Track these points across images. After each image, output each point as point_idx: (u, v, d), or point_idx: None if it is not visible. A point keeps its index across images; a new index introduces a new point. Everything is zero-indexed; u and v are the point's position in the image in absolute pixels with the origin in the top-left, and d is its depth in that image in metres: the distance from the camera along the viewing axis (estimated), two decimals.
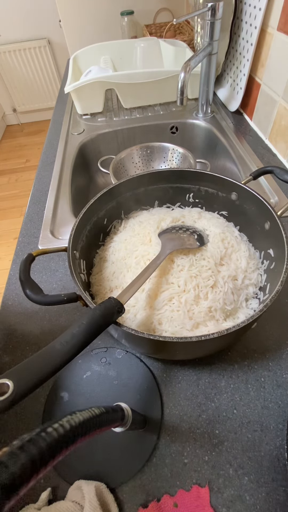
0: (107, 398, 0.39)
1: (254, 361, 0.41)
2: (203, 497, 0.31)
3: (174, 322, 0.37)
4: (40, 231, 0.60)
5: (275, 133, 0.71)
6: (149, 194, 0.51)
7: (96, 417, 0.16)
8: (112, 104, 0.99)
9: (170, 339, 0.29)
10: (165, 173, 0.48)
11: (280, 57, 0.64)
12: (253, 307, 0.40)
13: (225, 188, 0.46)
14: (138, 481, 0.33)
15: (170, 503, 0.31)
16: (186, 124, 0.90)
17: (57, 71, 2.57)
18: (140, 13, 1.34)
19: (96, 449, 0.35)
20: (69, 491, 0.32)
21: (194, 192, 0.51)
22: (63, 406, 0.39)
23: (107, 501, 0.31)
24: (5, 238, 1.81)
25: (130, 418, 0.26)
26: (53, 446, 0.12)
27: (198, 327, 0.37)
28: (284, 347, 0.42)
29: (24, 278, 0.33)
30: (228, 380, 0.39)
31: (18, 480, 0.11)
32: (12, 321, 0.48)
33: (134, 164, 0.78)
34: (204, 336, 0.28)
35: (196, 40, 0.98)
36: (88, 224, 0.44)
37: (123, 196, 0.49)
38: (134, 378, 0.40)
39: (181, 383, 0.40)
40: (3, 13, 2.21)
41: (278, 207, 0.47)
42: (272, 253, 0.40)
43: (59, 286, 0.52)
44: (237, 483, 0.32)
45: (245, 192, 0.43)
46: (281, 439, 0.34)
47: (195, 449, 0.34)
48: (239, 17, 0.74)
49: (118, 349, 0.43)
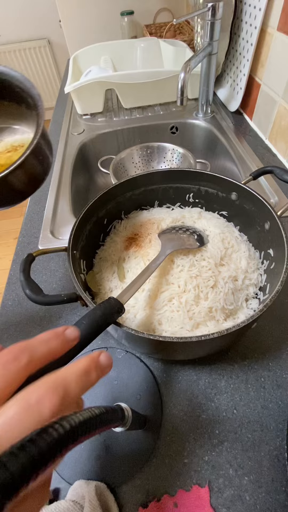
0: (107, 398, 0.39)
1: (254, 361, 0.41)
2: (203, 497, 0.31)
3: (174, 322, 0.37)
4: (40, 231, 0.60)
5: (275, 133, 0.71)
6: (149, 194, 0.51)
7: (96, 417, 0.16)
8: (112, 104, 0.99)
9: (170, 339, 0.29)
10: (165, 173, 0.48)
11: (280, 57, 0.64)
12: (253, 307, 0.40)
13: (225, 188, 0.46)
14: (138, 481, 0.33)
15: (170, 503, 0.31)
16: (186, 124, 0.90)
17: (57, 71, 2.57)
18: (140, 13, 1.34)
19: (96, 449, 0.35)
20: (69, 491, 0.32)
21: (194, 192, 0.51)
22: None
23: (107, 501, 0.31)
24: (5, 238, 1.81)
25: (130, 418, 0.26)
26: (53, 446, 0.12)
27: (198, 327, 0.37)
28: (284, 347, 0.42)
29: (24, 278, 0.33)
30: (228, 380, 0.39)
31: (18, 480, 0.11)
32: (12, 321, 0.48)
33: (134, 164, 0.78)
34: (204, 336, 0.28)
35: (196, 40, 0.98)
36: (88, 224, 0.44)
37: (123, 196, 0.49)
38: (134, 378, 0.40)
39: (181, 383, 0.40)
40: (3, 13, 2.21)
41: (278, 207, 0.47)
42: (272, 253, 0.40)
43: (59, 286, 0.52)
44: (237, 483, 0.32)
45: (245, 192, 0.43)
46: (281, 439, 0.34)
47: (195, 449, 0.34)
48: (239, 17, 0.74)
49: (118, 349, 0.43)
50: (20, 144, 0.38)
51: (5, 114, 0.38)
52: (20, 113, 0.36)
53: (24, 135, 0.39)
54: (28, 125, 0.38)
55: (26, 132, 0.39)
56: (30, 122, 0.37)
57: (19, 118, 0.38)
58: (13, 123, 0.39)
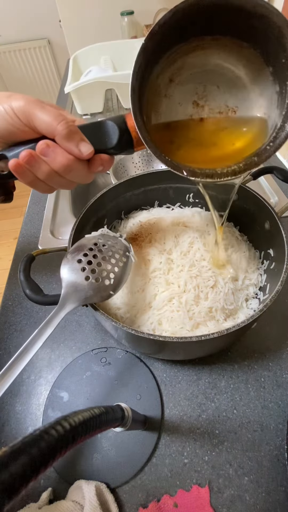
0: (107, 398, 0.39)
1: (254, 361, 0.41)
2: (203, 497, 0.31)
3: (174, 322, 0.37)
4: (40, 231, 0.60)
5: None
6: (149, 194, 0.51)
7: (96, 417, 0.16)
8: (112, 104, 0.99)
9: (170, 339, 0.29)
10: (165, 173, 0.48)
11: None
12: (253, 307, 0.40)
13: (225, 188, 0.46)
14: (138, 481, 0.33)
15: (170, 503, 0.31)
16: None
17: (57, 71, 2.57)
18: (140, 13, 1.33)
19: (96, 449, 0.35)
20: (69, 491, 0.32)
21: (194, 192, 0.51)
22: (63, 406, 0.39)
23: (107, 501, 0.31)
24: (5, 238, 1.81)
25: (130, 418, 0.26)
26: (53, 446, 0.12)
27: (198, 327, 0.37)
28: (284, 347, 0.42)
29: (24, 278, 0.33)
30: (228, 380, 0.39)
31: (18, 480, 0.11)
32: (12, 321, 0.48)
33: (134, 164, 0.78)
34: (204, 336, 0.28)
35: None
36: (88, 224, 0.44)
37: (123, 196, 0.49)
38: (134, 378, 0.40)
39: (181, 383, 0.40)
40: (3, 13, 2.21)
41: (278, 207, 0.47)
42: (272, 253, 0.40)
43: (59, 286, 0.52)
44: (237, 483, 0.32)
45: (245, 192, 0.43)
46: (281, 439, 0.34)
47: (195, 449, 0.34)
48: None
49: (118, 349, 0.43)
50: (235, 106, 0.29)
51: (240, 59, 0.27)
52: (258, 74, 0.27)
53: (253, 108, 0.29)
54: (263, 98, 0.28)
55: (255, 105, 0.29)
56: (267, 96, 0.27)
57: (254, 78, 0.28)
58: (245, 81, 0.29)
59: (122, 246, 0.36)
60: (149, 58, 0.25)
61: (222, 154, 0.30)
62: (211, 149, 0.31)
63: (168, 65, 0.28)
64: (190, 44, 0.27)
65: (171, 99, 0.30)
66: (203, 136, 0.31)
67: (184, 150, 0.31)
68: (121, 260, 0.34)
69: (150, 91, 0.28)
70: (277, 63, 0.25)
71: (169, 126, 0.31)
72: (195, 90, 0.30)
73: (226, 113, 0.30)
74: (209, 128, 0.31)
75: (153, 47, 0.24)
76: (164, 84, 0.29)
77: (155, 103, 0.30)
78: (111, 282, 0.32)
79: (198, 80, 0.29)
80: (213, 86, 0.30)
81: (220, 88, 0.29)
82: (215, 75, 0.29)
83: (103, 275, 0.32)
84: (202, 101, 0.30)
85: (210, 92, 0.30)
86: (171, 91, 0.30)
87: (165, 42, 0.25)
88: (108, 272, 0.32)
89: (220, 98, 0.30)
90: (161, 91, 0.29)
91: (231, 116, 0.30)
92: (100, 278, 0.31)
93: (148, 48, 0.24)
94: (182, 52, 0.27)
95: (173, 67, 0.28)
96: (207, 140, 0.31)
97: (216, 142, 0.31)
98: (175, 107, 0.30)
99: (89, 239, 0.35)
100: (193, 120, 0.31)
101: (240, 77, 0.29)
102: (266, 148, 0.28)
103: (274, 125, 0.28)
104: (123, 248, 0.36)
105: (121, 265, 0.34)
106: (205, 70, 0.29)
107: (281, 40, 0.23)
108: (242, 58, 0.27)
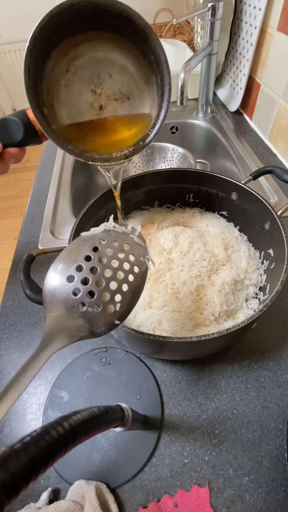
0: (107, 398, 0.39)
1: (254, 361, 0.41)
2: (203, 497, 0.31)
3: (174, 322, 0.37)
4: (40, 231, 0.60)
5: (275, 133, 0.71)
6: (149, 194, 0.51)
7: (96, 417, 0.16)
8: None
9: (170, 339, 0.29)
10: (165, 173, 0.48)
11: (280, 57, 0.64)
12: (253, 307, 0.40)
13: (225, 188, 0.46)
14: (138, 481, 0.33)
15: (170, 503, 0.31)
16: (186, 124, 0.90)
17: None
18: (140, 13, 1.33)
19: (96, 449, 0.35)
20: (69, 491, 0.32)
21: (194, 192, 0.51)
22: (63, 406, 0.39)
23: (107, 501, 0.31)
24: (5, 238, 1.81)
25: (130, 418, 0.26)
26: (53, 446, 0.12)
27: (198, 327, 0.37)
28: (284, 347, 0.42)
29: (24, 278, 0.33)
30: (228, 380, 0.39)
31: (18, 480, 0.11)
32: (12, 321, 0.48)
33: (134, 164, 0.78)
34: (204, 336, 0.28)
35: (196, 40, 0.98)
36: (88, 224, 0.44)
37: (123, 196, 0.49)
38: (134, 378, 0.40)
39: (181, 383, 0.40)
40: (3, 13, 2.21)
41: (278, 207, 0.47)
42: (272, 253, 0.40)
43: None
44: (237, 483, 0.32)
45: (245, 192, 0.43)
46: (281, 439, 0.34)
47: (195, 449, 0.34)
48: (239, 17, 0.74)
49: (118, 349, 0.43)
50: (127, 92, 0.33)
51: (122, 51, 0.31)
52: (140, 65, 0.31)
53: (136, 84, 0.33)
54: (143, 75, 0.32)
55: (135, 81, 0.33)
56: (148, 77, 0.31)
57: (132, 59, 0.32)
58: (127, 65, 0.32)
59: (135, 247, 0.26)
60: (37, 57, 0.27)
61: (120, 138, 0.34)
62: (112, 135, 0.34)
63: (62, 56, 0.30)
64: (77, 37, 0.29)
65: (71, 88, 0.32)
66: (104, 124, 0.34)
67: (90, 137, 0.33)
68: (132, 271, 0.24)
69: (49, 83, 0.30)
70: (148, 58, 0.30)
71: (75, 116, 0.33)
72: (91, 79, 0.32)
73: (121, 100, 0.33)
74: (109, 116, 0.34)
75: (38, 47, 0.27)
76: (62, 75, 0.31)
77: (55, 93, 0.31)
78: (116, 308, 0.22)
79: (92, 69, 0.32)
80: (106, 75, 0.32)
81: (113, 76, 0.32)
82: (107, 65, 0.32)
83: (105, 299, 0.23)
84: (99, 89, 0.33)
85: (104, 80, 0.32)
86: (69, 81, 0.32)
87: (50, 40, 0.27)
88: (113, 294, 0.23)
89: (114, 86, 0.33)
90: (60, 81, 0.31)
91: (126, 102, 0.34)
92: (100, 304, 0.22)
93: (34, 49, 0.26)
94: (73, 45, 0.30)
95: (67, 58, 0.30)
96: (108, 127, 0.34)
97: (116, 129, 0.34)
98: (76, 96, 0.32)
99: (87, 240, 0.26)
100: (93, 108, 0.33)
101: (127, 66, 0.32)
102: (148, 133, 0.32)
103: (156, 113, 0.33)
104: (135, 250, 0.26)
105: (132, 279, 0.24)
106: (97, 60, 0.31)
107: (147, 39, 0.28)
108: (125, 50, 0.31)
